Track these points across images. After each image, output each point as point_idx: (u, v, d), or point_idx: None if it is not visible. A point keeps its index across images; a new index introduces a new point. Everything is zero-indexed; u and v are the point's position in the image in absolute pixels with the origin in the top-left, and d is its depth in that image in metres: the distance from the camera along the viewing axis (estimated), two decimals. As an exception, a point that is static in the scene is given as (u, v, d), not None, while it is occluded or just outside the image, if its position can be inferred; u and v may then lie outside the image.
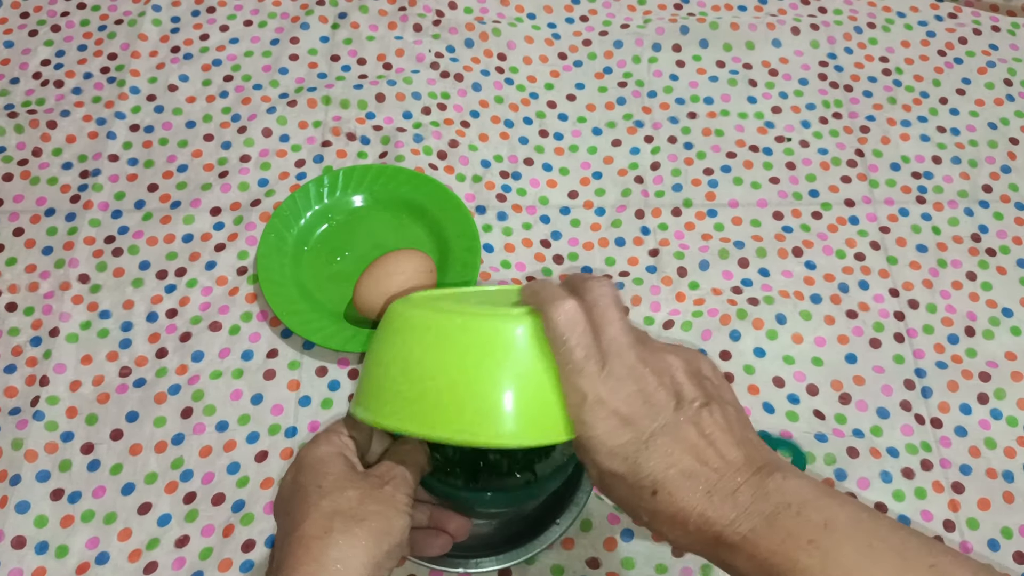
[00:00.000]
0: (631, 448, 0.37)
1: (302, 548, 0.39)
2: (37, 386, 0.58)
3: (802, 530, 0.34)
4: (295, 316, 0.59)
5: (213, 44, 0.75)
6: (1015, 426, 0.59)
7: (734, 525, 0.35)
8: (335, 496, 0.41)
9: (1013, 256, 0.66)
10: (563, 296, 0.39)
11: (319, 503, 0.41)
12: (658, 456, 0.37)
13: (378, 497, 0.41)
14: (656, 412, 0.37)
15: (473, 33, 0.76)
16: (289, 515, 0.42)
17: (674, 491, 0.36)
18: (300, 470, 0.43)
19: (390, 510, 0.41)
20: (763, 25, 0.77)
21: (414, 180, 0.66)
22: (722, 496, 0.36)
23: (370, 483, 0.42)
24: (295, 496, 0.42)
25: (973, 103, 0.74)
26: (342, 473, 0.42)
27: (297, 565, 0.38)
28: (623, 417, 0.37)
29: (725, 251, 0.66)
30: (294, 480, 0.43)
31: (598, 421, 0.37)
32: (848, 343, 0.62)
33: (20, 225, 0.65)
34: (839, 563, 0.33)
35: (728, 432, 0.38)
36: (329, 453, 0.44)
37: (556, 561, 0.54)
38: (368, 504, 0.41)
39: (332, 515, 0.40)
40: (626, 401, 0.37)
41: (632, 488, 0.37)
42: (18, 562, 0.53)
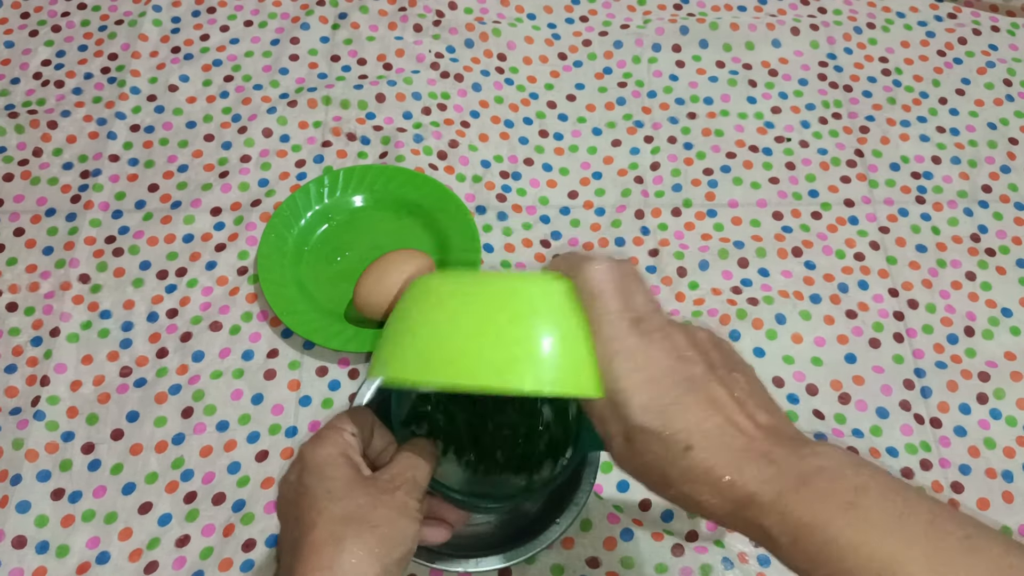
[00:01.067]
0: (665, 401, 0.36)
1: (314, 555, 0.39)
2: (38, 386, 0.58)
3: (837, 493, 0.34)
4: (295, 316, 0.59)
5: (213, 44, 0.75)
6: (1014, 426, 0.59)
7: (768, 484, 0.35)
8: (346, 502, 0.40)
9: (1012, 256, 0.66)
10: (597, 258, 0.39)
11: (329, 508, 0.40)
12: (692, 411, 0.36)
13: (390, 503, 0.41)
14: (688, 368, 0.37)
15: (473, 33, 0.76)
16: (297, 519, 0.41)
17: (709, 446, 0.35)
18: (304, 471, 0.43)
19: (402, 517, 0.41)
20: (763, 25, 0.77)
21: (414, 180, 0.66)
22: (755, 456, 0.35)
23: (381, 488, 0.42)
24: (302, 499, 0.42)
25: (973, 103, 0.74)
26: (350, 477, 0.42)
27: (308, 572, 0.38)
28: (657, 370, 0.37)
29: (725, 251, 0.66)
30: (299, 482, 0.43)
31: (631, 373, 0.37)
32: (848, 343, 0.62)
33: (21, 225, 0.65)
34: (874, 525, 0.33)
35: (757, 398, 0.37)
36: (333, 454, 0.43)
37: (556, 561, 0.54)
38: (380, 510, 0.41)
39: (344, 521, 0.40)
40: (659, 355, 0.37)
41: (665, 444, 0.36)
42: (19, 562, 0.53)
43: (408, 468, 0.44)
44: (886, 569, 0.32)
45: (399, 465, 0.44)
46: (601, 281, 0.38)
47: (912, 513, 0.33)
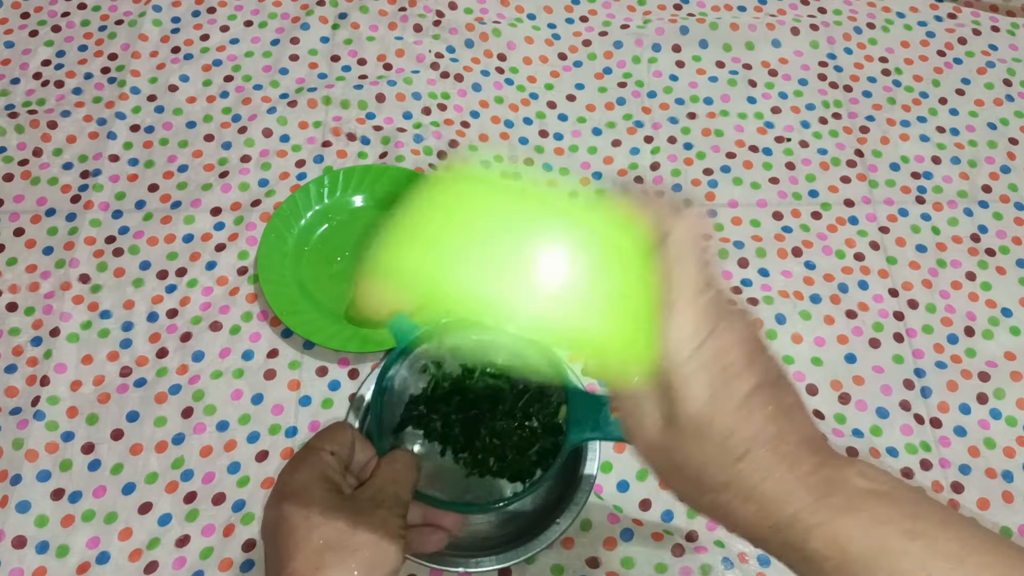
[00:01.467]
0: (734, 399, 0.31)
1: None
2: (38, 386, 0.58)
3: (898, 516, 0.31)
4: (295, 316, 0.59)
5: (213, 44, 0.75)
6: (1014, 426, 0.59)
7: (814, 505, 0.31)
8: (324, 529, 0.39)
9: (1012, 256, 0.66)
10: (686, 213, 0.33)
11: (308, 536, 0.39)
12: (757, 416, 0.32)
13: (371, 524, 0.40)
14: (762, 366, 0.32)
15: (473, 33, 0.76)
16: (277, 547, 0.40)
17: (760, 459, 0.31)
18: (284, 498, 0.42)
19: (384, 539, 0.40)
20: (763, 26, 0.77)
21: (414, 180, 0.66)
22: (803, 473, 0.31)
23: (360, 509, 0.41)
24: (281, 527, 0.41)
25: (972, 103, 0.74)
26: (329, 501, 0.41)
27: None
28: (729, 361, 0.32)
29: (724, 251, 0.66)
30: (278, 509, 0.41)
31: (700, 356, 0.31)
32: (847, 343, 0.62)
33: (21, 225, 0.65)
34: (940, 554, 0.30)
35: (803, 410, 0.34)
36: (311, 478, 0.42)
37: (556, 561, 0.54)
38: (361, 533, 0.40)
39: (323, 550, 0.39)
40: (733, 344, 0.32)
41: (719, 446, 0.32)
42: (19, 561, 0.53)
43: (389, 483, 0.43)
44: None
45: (380, 480, 0.43)
46: (690, 246, 0.33)
47: (971, 547, 0.30)
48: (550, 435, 0.48)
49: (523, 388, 0.49)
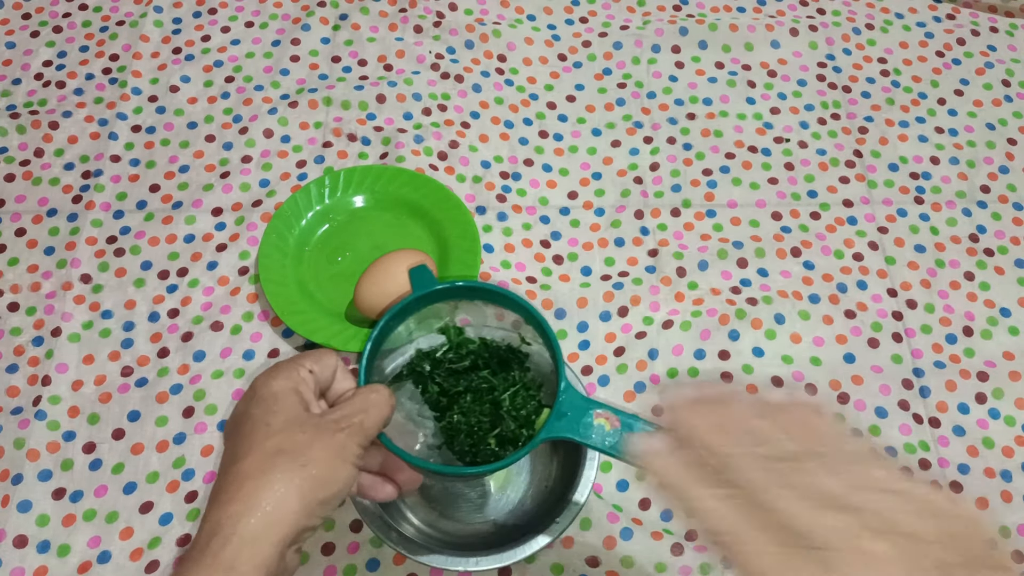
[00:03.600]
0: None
1: (235, 484, 0.38)
2: (39, 385, 0.58)
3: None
4: (296, 316, 0.60)
5: (214, 45, 0.75)
6: (1013, 425, 0.59)
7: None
8: (281, 437, 0.40)
9: (1011, 256, 0.66)
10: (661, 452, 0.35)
11: (264, 442, 0.39)
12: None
13: (327, 444, 0.40)
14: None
15: (473, 34, 0.76)
16: (233, 446, 0.41)
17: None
18: (252, 400, 0.42)
19: (336, 460, 0.40)
20: (762, 26, 0.77)
21: (414, 181, 0.66)
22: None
23: (322, 427, 0.41)
24: (242, 427, 0.41)
25: (971, 104, 0.74)
26: (294, 413, 0.41)
27: (228, 502, 0.38)
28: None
29: (724, 251, 0.66)
30: (245, 411, 0.42)
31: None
32: (846, 343, 0.62)
33: (22, 225, 0.66)
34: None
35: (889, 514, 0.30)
36: (285, 388, 0.42)
37: (556, 560, 0.54)
38: (315, 450, 0.40)
39: (274, 455, 0.39)
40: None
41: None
42: (20, 561, 0.53)
43: (357, 412, 0.42)
44: None
45: (349, 407, 0.43)
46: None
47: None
48: (521, 427, 0.48)
49: (516, 378, 0.49)
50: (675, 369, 0.61)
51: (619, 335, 0.62)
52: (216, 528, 0.37)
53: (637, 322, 0.63)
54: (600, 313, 0.63)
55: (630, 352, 0.61)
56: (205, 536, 0.38)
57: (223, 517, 0.37)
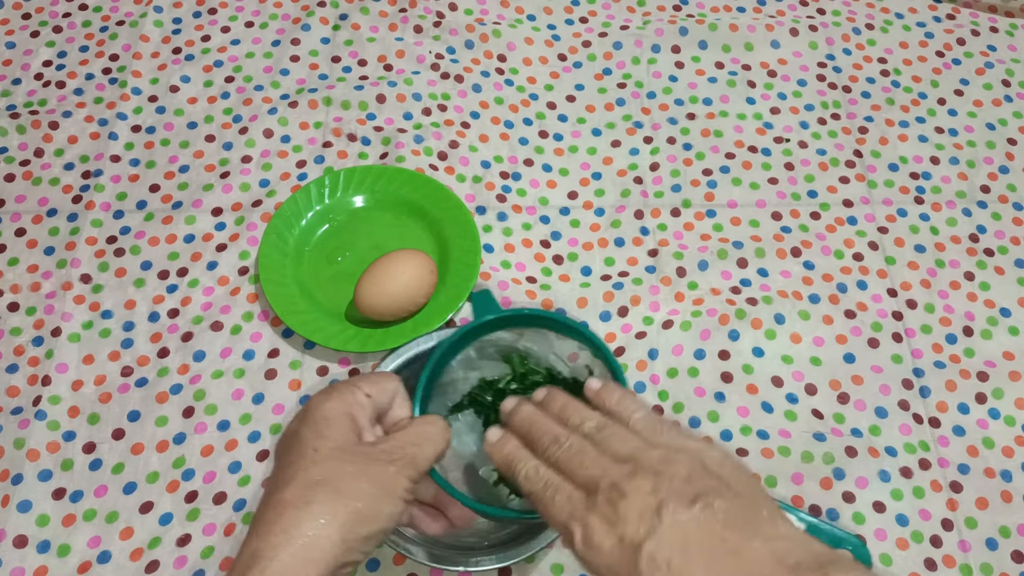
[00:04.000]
0: (628, 567, 0.34)
1: (275, 514, 0.37)
2: (39, 385, 0.58)
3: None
4: (296, 316, 0.60)
5: (214, 45, 0.75)
6: (1013, 425, 0.59)
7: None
8: (327, 466, 0.38)
9: (1011, 256, 0.66)
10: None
11: (309, 469, 0.38)
12: (660, 572, 0.33)
13: (375, 477, 0.39)
14: (642, 519, 0.34)
15: (473, 34, 0.76)
16: (280, 469, 0.40)
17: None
18: (304, 421, 0.41)
19: (384, 494, 0.39)
20: (762, 26, 0.77)
21: (414, 181, 0.66)
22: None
23: (372, 458, 0.39)
24: (291, 450, 0.40)
25: (971, 104, 0.74)
26: (343, 440, 0.40)
27: (267, 533, 0.37)
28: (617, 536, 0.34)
29: (724, 251, 0.66)
30: (296, 431, 0.41)
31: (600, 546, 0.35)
32: (846, 343, 0.62)
33: (22, 225, 0.66)
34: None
35: (742, 527, 0.34)
36: (338, 412, 0.41)
37: (556, 560, 0.54)
38: (361, 482, 0.38)
39: (316, 486, 0.38)
40: (610, 520, 0.35)
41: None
42: (20, 561, 0.53)
43: (410, 444, 0.41)
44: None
45: (402, 438, 0.41)
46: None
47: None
48: None
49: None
50: (675, 369, 0.61)
51: (619, 335, 0.62)
52: (253, 560, 0.36)
53: (637, 322, 0.63)
54: (600, 313, 0.63)
55: (630, 352, 0.61)
56: (242, 566, 0.37)
57: (261, 548, 0.37)
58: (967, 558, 0.54)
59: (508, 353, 0.50)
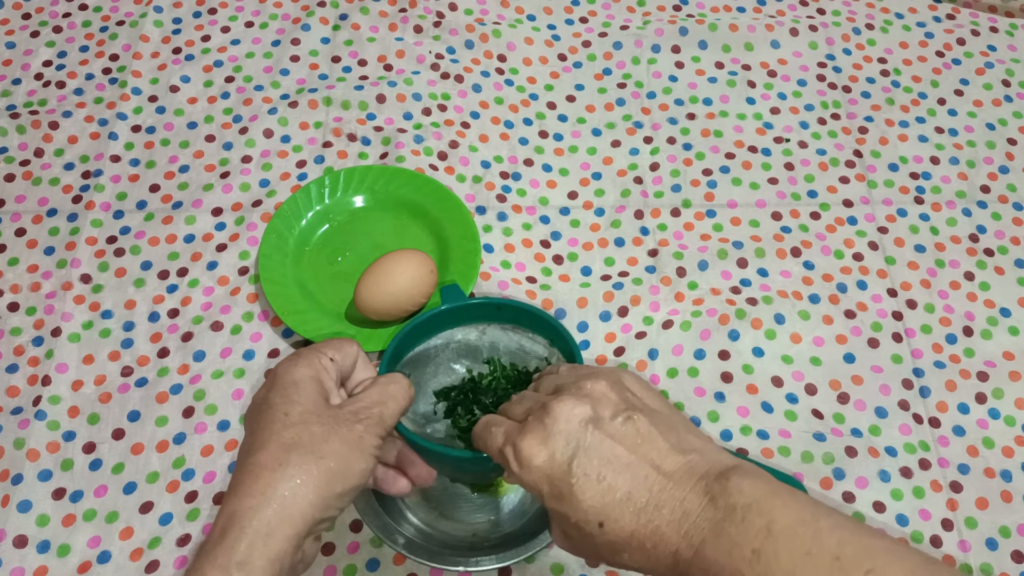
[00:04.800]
0: (563, 483, 0.36)
1: (251, 476, 0.38)
2: (39, 385, 0.58)
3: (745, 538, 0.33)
4: (296, 316, 0.60)
5: (214, 45, 0.75)
6: (1013, 425, 0.59)
7: (687, 538, 0.34)
8: (299, 428, 0.40)
9: (1011, 256, 0.66)
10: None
11: (281, 433, 0.39)
12: (591, 484, 0.36)
13: (345, 437, 0.40)
14: (570, 435, 0.37)
15: (473, 34, 0.76)
16: (252, 435, 0.41)
17: (619, 517, 0.35)
18: (273, 388, 0.42)
19: (354, 452, 0.40)
20: (762, 26, 0.77)
21: (414, 181, 0.66)
22: (671, 508, 0.35)
23: (341, 419, 0.41)
24: (262, 415, 0.41)
25: (971, 104, 0.74)
26: (312, 403, 0.41)
27: (244, 495, 0.38)
28: (548, 452, 0.37)
29: (724, 251, 0.66)
30: (265, 397, 0.42)
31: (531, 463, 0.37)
32: (846, 343, 0.62)
33: (22, 225, 0.66)
34: (777, 575, 0.32)
35: (661, 439, 0.37)
36: (305, 376, 0.42)
37: (556, 560, 0.54)
38: (332, 442, 0.40)
39: (290, 447, 0.39)
40: (539, 437, 0.37)
41: (580, 527, 0.36)
42: (20, 561, 0.53)
43: (376, 403, 0.43)
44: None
45: (367, 399, 0.43)
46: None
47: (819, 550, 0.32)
48: None
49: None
50: (675, 369, 0.61)
51: (619, 335, 0.62)
52: (231, 521, 0.37)
53: (637, 322, 0.63)
54: (600, 313, 0.63)
55: (630, 352, 0.61)
56: (220, 528, 0.38)
57: (238, 510, 0.38)
58: (967, 558, 0.54)
59: (491, 357, 0.53)
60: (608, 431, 0.37)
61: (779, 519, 0.33)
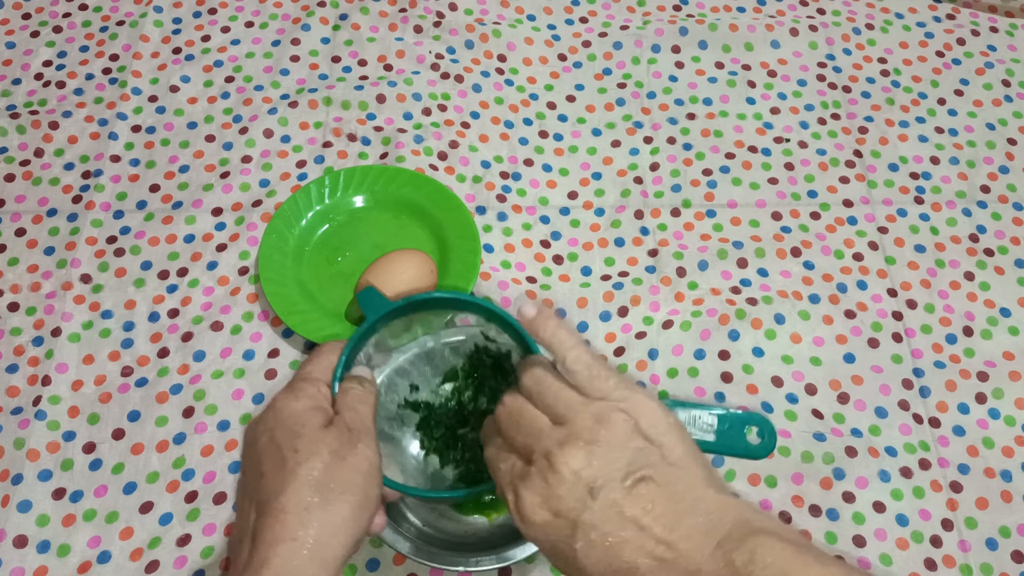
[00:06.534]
0: (563, 545, 0.35)
1: (278, 521, 0.38)
2: (39, 385, 0.58)
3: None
4: (296, 316, 0.60)
5: (214, 45, 0.75)
6: (1013, 425, 0.59)
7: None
8: (312, 462, 0.39)
9: (1011, 256, 0.66)
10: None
11: (296, 471, 0.39)
12: (595, 552, 0.34)
13: (356, 465, 0.40)
14: (575, 499, 0.35)
15: (473, 34, 0.76)
16: (263, 476, 0.40)
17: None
18: (276, 426, 0.42)
19: (367, 479, 0.40)
20: (762, 26, 0.77)
21: (415, 181, 0.66)
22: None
23: (344, 441, 0.41)
24: (270, 456, 0.41)
25: (971, 104, 0.74)
26: (315, 433, 0.41)
27: (274, 541, 0.37)
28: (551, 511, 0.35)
29: (724, 251, 0.66)
30: (270, 437, 0.41)
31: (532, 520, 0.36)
32: (846, 343, 0.62)
33: (22, 225, 0.66)
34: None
35: (675, 505, 0.34)
36: (307, 408, 0.42)
37: (556, 560, 0.54)
38: (348, 472, 0.40)
39: (311, 487, 0.39)
40: (542, 495, 0.36)
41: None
42: (20, 561, 0.53)
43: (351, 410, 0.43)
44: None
45: (348, 414, 0.43)
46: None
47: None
48: None
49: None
50: (675, 369, 0.61)
51: (619, 335, 0.62)
52: (265, 568, 0.37)
53: (637, 322, 0.63)
54: (600, 313, 0.63)
55: (630, 352, 0.61)
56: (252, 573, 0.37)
57: (272, 556, 0.37)
58: (967, 558, 0.54)
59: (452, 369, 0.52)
60: (616, 498, 0.34)
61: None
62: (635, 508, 0.34)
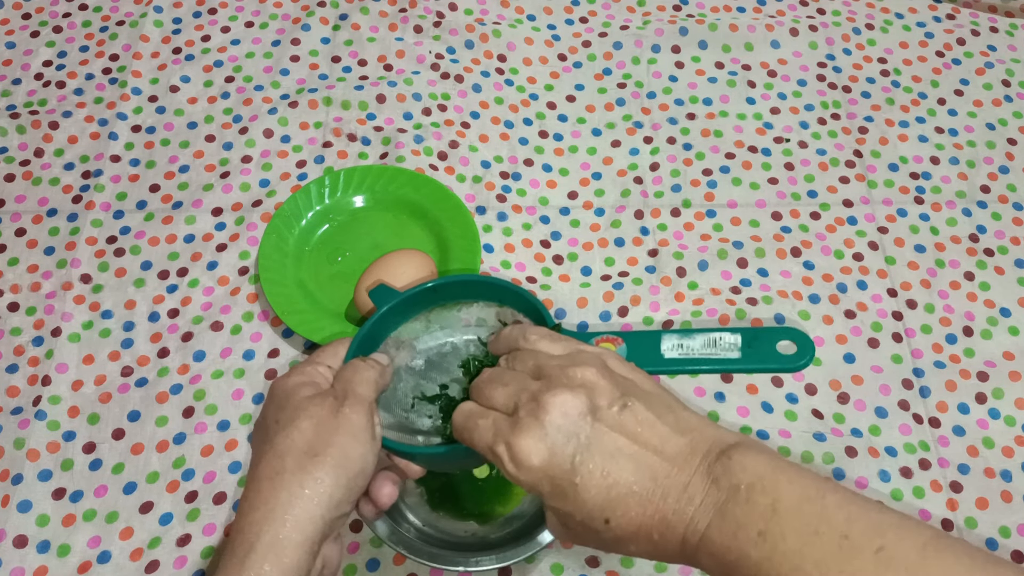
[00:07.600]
0: (564, 481, 0.35)
1: (253, 491, 0.38)
2: (39, 385, 0.59)
3: (750, 519, 0.32)
4: (296, 316, 0.60)
5: (214, 45, 0.75)
6: (1013, 425, 0.59)
7: (693, 523, 0.33)
8: (289, 430, 0.39)
9: (1011, 256, 0.66)
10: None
11: (274, 440, 0.39)
12: (596, 480, 0.35)
13: (335, 427, 0.40)
14: (568, 430, 0.36)
15: (473, 34, 0.76)
16: (253, 452, 0.41)
17: (626, 511, 0.34)
18: (268, 403, 0.42)
19: (346, 437, 0.39)
20: (762, 26, 0.77)
21: (414, 181, 0.66)
22: (676, 496, 0.34)
23: (326, 407, 0.40)
24: (259, 431, 0.41)
25: (971, 104, 0.74)
26: (299, 402, 0.41)
27: (248, 510, 0.38)
28: (548, 450, 0.36)
29: (724, 251, 0.66)
30: (262, 413, 0.42)
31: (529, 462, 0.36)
32: (846, 343, 0.62)
33: (22, 225, 0.66)
34: (785, 555, 0.31)
35: (659, 423, 0.36)
36: (298, 383, 0.42)
37: (556, 560, 0.54)
38: (322, 434, 0.39)
39: (284, 452, 0.39)
40: (536, 435, 0.36)
41: (585, 524, 0.36)
42: (20, 561, 0.53)
43: (345, 380, 0.42)
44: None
45: (337, 379, 0.42)
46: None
47: (826, 528, 0.31)
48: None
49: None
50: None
51: (619, 335, 0.62)
52: (239, 539, 0.37)
53: (637, 322, 0.63)
54: (600, 313, 0.63)
55: (630, 352, 0.61)
56: (231, 548, 0.37)
57: (245, 525, 0.37)
58: (967, 558, 0.54)
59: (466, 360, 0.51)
60: (607, 422, 0.36)
61: (784, 497, 0.32)
62: (626, 428, 0.36)
